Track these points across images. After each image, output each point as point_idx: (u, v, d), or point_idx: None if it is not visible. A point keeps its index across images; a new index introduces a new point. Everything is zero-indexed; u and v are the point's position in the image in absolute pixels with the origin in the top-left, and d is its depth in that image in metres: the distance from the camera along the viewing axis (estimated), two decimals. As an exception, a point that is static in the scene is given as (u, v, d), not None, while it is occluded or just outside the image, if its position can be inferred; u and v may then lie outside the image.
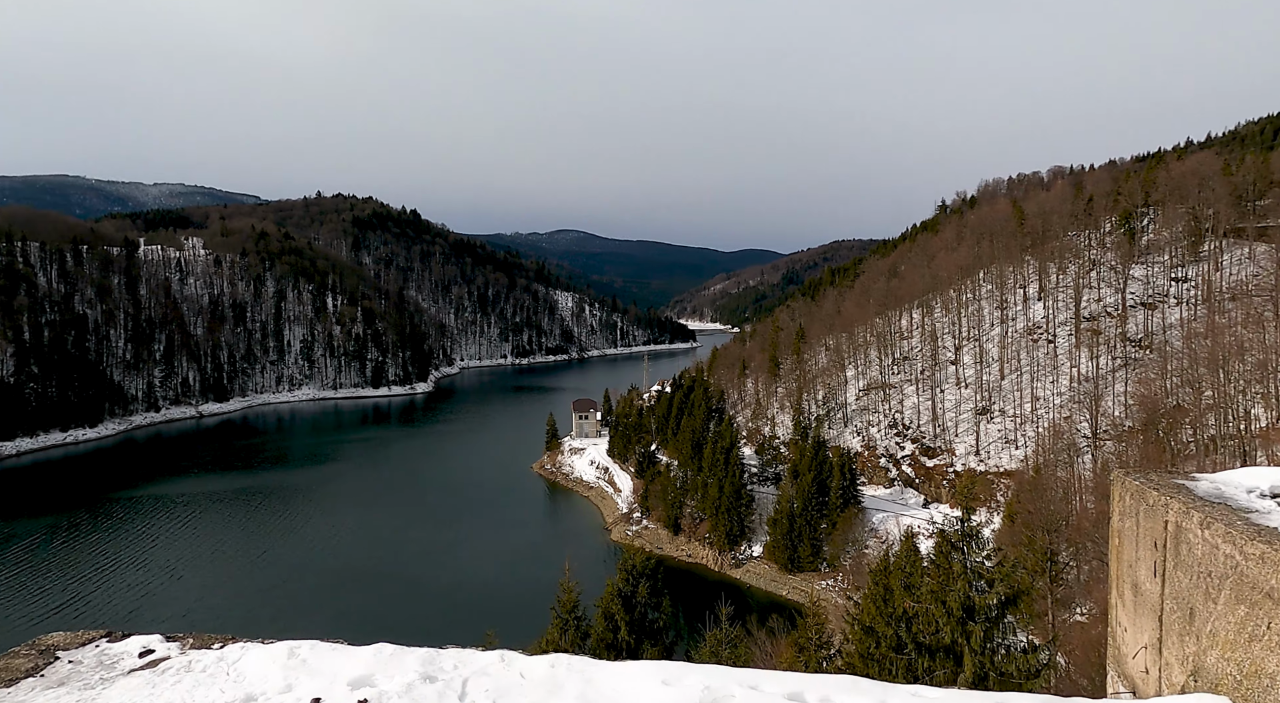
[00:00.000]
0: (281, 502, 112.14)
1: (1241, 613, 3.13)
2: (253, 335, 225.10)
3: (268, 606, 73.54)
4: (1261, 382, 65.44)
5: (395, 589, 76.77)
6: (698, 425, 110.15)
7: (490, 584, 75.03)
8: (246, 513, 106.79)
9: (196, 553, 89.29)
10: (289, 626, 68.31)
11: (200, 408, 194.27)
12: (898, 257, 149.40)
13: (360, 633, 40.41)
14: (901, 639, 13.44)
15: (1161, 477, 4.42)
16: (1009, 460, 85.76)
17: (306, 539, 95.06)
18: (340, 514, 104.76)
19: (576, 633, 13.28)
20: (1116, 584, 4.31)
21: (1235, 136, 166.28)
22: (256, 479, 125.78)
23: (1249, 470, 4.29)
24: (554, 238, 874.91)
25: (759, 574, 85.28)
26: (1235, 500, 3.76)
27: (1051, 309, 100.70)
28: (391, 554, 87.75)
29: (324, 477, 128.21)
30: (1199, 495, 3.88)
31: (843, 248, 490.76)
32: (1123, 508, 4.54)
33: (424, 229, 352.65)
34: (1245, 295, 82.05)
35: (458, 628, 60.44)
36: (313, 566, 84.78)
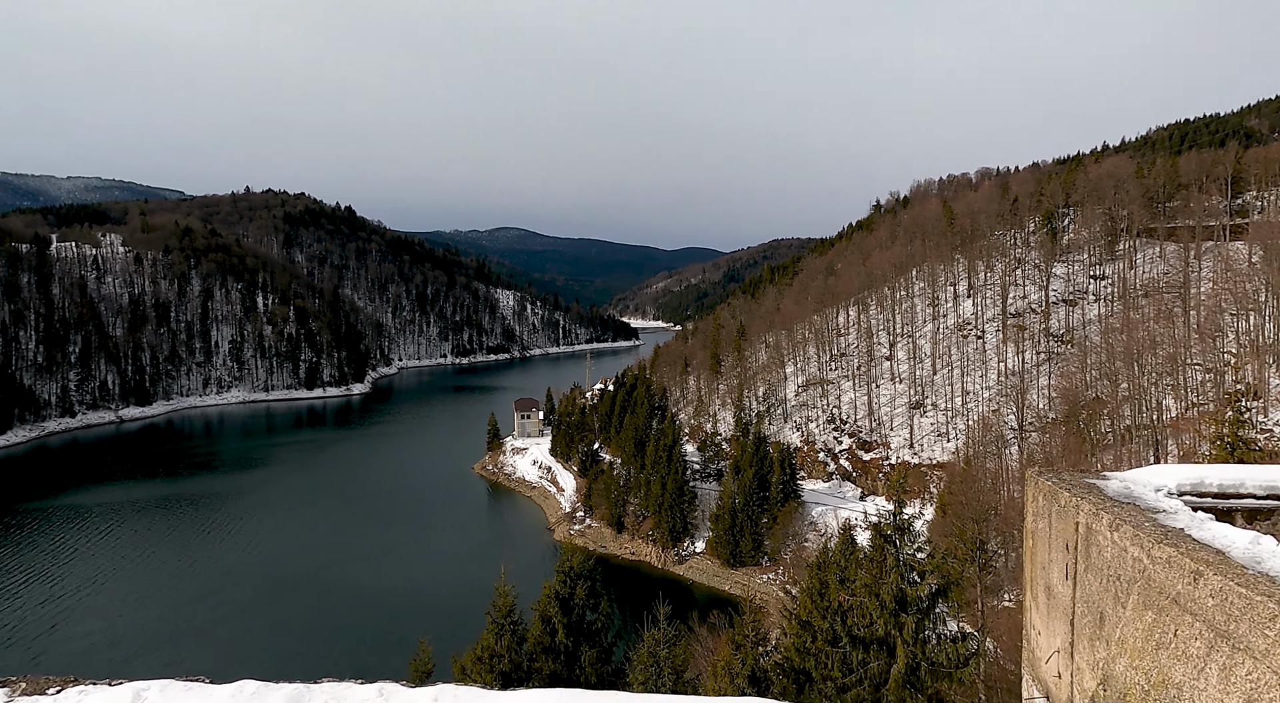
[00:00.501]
0: (210, 509, 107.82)
1: (1149, 619, 3.06)
2: (177, 336, 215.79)
3: (197, 616, 70.62)
4: (1172, 374, 69.15)
5: (329, 597, 74.65)
6: (640, 423, 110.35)
7: (428, 589, 73.68)
8: (172, 522, 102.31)
9: (118, 565, 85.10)
10: (218, 639, 65.80)
11: (121, 412, 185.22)
12: (834, 255, 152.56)
13: (292, 643, 39.55)
14: (837, 633, 13.65)
15: (1073, 476, 4.39)
16: (941, 453, 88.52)
17: (237, 547, 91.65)
18: (273, 521, 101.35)
19: (513, 638, 13.02)
20: (1031, 586, 4.26)
21: (1147, 141, 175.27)
22: (182, 486, 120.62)
23: (1157, 468, 4.29)
24: (494, 235, 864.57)
25: (702, 570, 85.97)
26: (1144, 500, 3.72)
27: (980, 306, 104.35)
28: (326, 561, 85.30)
29: (255, 482, 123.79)
30: (1109, 496, 3.83)
31: (782, 246, 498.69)
32: (1036, 509, 4.46)
33: (359, 226, 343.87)
34: (1156, 292, 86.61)
35: (393, 635, 59.31)
36: (244, 575, 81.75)
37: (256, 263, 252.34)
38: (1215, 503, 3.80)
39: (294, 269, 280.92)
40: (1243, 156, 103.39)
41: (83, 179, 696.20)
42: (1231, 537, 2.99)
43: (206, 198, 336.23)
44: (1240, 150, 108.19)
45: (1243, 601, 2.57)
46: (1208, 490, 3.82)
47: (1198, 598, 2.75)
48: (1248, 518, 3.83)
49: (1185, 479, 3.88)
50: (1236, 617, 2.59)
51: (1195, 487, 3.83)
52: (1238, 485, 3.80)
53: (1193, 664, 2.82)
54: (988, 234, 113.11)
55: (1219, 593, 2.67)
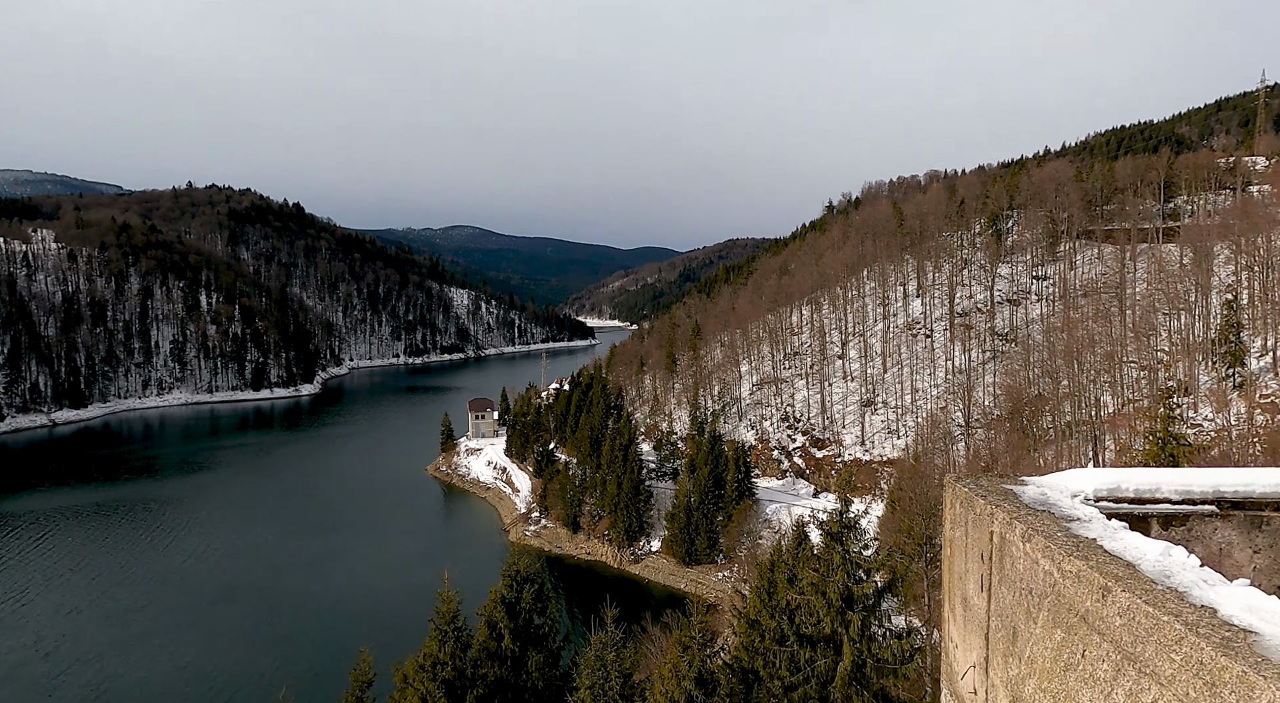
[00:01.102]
0: (149, 515, 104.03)
1: (1058, 638, 2.93)
2: (114, 336, 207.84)
3: (134, 627, 68.08)
4: (1109, 371, 71.70)
5: (273, 605, 72.68)
6: (596, 423, 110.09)
7: (377, 595, 72.22)
8: (108, 529, 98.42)
9: (50, 575, 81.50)
10: (155, 650, 63.52)
11: (53, 415, 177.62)
12: (788, 255, 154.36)
13: (233, 654, 38.29)
14: (785, 632, 13.69)
15: (991, 482, 4.27)
16: (891, 450, 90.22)
17: (178, 555, 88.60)
18: (215, 527, 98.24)
19: (457, 644, 12.72)
20: (948, 597, 4.19)
21: (1086, 147, 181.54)
22: (119, 492, 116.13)
23: (1075, 473, 4.19)
24: (449, 234, 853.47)
25: (657, 569, 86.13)
26: (1059, 508, 3.62)
27: (929, 305, 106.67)
28: (271, 567, 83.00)
29: (197, 487, 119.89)
30: (1025, 503, 3.72)
31: (737, 246, 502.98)
32: (953, 517, 4.36)
33: (308, 223, 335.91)
34: (1095, 293, 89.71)
35: (338, 644, 57.98)
36: (185, 583, 79.03)
37: (199, 260, 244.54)
38: (1131, 508, 3.78)
39: (239, 267, 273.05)
40: (1174, 162, 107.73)
41: (12, 172, 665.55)
42: (1143, 548, 2.93)
43: (146, 193, 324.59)
44: (1172, 156, 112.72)
45: (1149, 620, 2.47)
46: (1124, 495, 3.79)
47: (1106, 616, 2.65)
48: (1163, 523, 3.84)
49: (1102, 484, 3.84)
50: (1143, 638, 2.48)
51: (1112, 492, 3.81)
52: (1154, 490, 3.78)
53: (1100, 689, 2.69)
54: (936, 235, 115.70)
55: (1126, 611, 2.56)
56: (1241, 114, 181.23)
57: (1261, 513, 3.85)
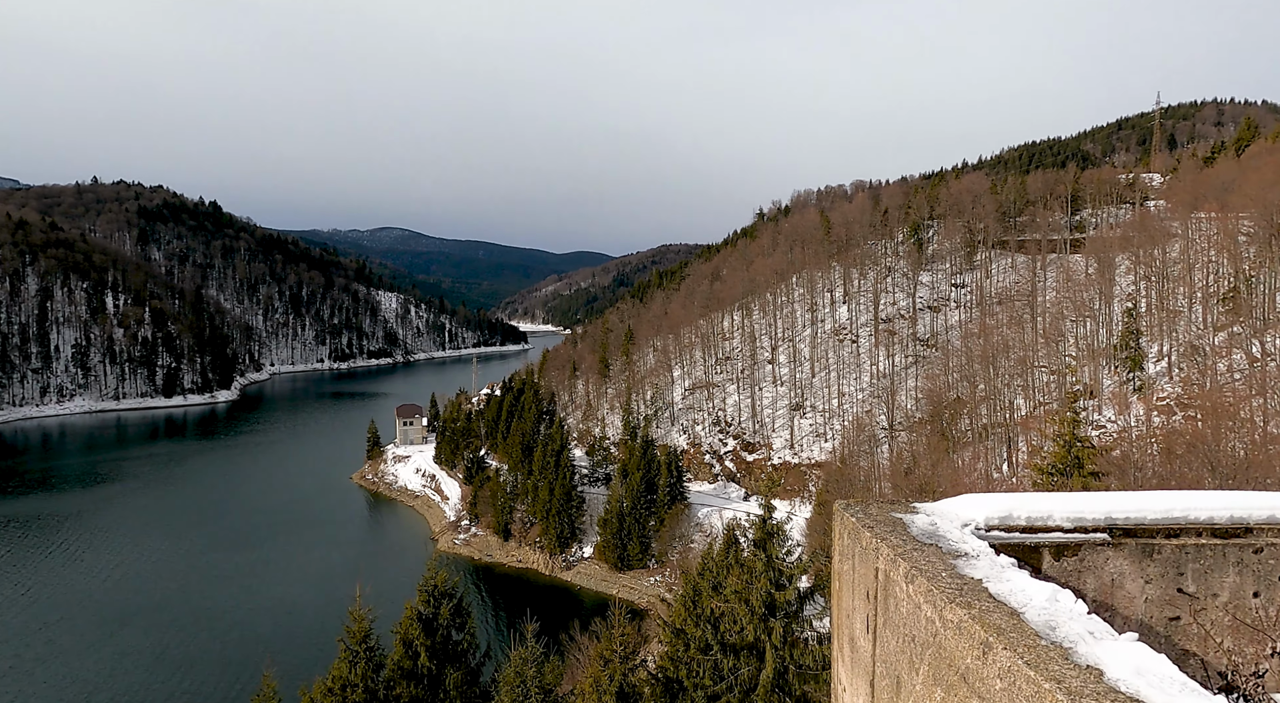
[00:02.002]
0: (47, 531, 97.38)
1: (939, 697, 2.73)
2: (9, 340, 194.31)
3: (28, 652, 63.50)
4: (1022, 376, 75.11)
5: (182, 626, 68.89)
6: (528, 429, 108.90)
7: (297, 610, 69.39)
8: (2, 546, 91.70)
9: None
10: (51, 678, 59.47)
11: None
12: (720, 261, 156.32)
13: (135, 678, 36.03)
14: (709, 641, 13.66)
15: (881, 510, 4.08)
16: (819, 453, 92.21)
17: (79, 572, 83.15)
18: (122, 542, 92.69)
19: (368, 665, 12.18)
20: (837, 635, 3.97)
21: (1001, 161, 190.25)
22: (12, 506, 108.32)
23: (968, 500, 3.96)
24: (376, 235, 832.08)
25: (590, 575, 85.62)
26: (947, 541, 3.48)
27: (854, 311, 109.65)
28: (180, 585, 78.72)
29: (101, 499, 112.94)
30: (913, 535, 3.56)
31: (671, 251, 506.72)
32: (841, 548, 4.09)
33: (226, 223, 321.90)
34: (1009, 300, 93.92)
35: (248, 667, 55.48)
36: (85, 604, 74.11)
37: (105, 260, 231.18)
38: (1023, 538, 3.69)
39: (150, 268, 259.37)
40: (1080, 177, 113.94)
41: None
42: (1030, 592, 2.81)
43: (46, 188, 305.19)
44: (1078, 172, 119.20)
45: (1030, 687, 2.26)
46: (1015, 524, 3.70)
47: (986, 678, 2.45)
48: (1055, 553, 3.71)
49: (994, 512, 3.73)
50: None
51: (1004, 520, 3.71)
52: (1045, 518, 3.68)
53: (984, 767, 2.48)
54: (861, 243, 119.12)
55: (1007, 673, 2.36)
56: (1139, 133, 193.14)
57: (1153, 541, 3.77)
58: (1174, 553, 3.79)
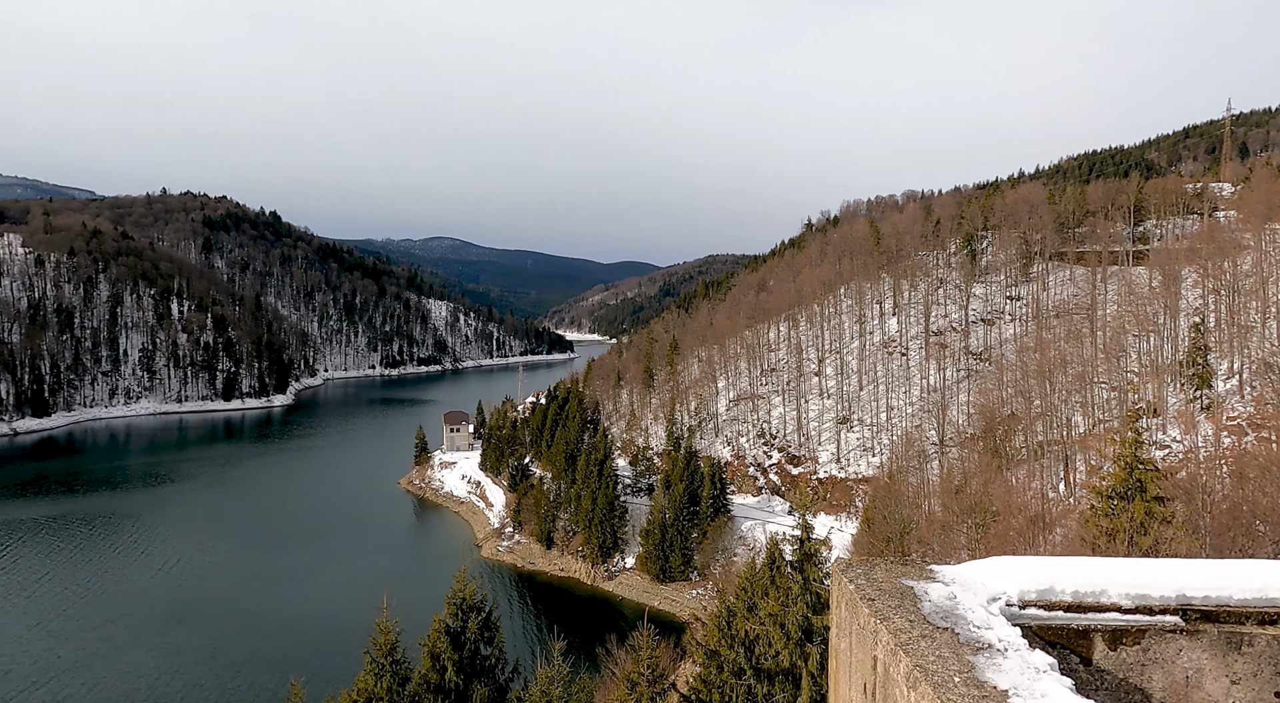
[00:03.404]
0: (109, 529, 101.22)
1: None
2: (81, 343, 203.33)
3: (89, 647, 65.88)
4: (1080, 391, 72.38)
5: (235, 623, 70.71)
6: (572, 437, 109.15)
7: (340, 614, 70.39)
8: (69, 542, 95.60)
9: (9, 589, 78.85)
10: (109, 672, 61.51)
11: (15, 424, 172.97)
12: (766, 271, 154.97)
13: (187, 677, 36.88)
14: (742, 664, 13.21)
15: (890, 574, 3.33)
16: (867, 468, 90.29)
17: (138, 570, 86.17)
18: (178, 542, 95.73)
19: (394, 678, 12.09)
20: None
21: (1059, 170, 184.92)
22: (80, 504, 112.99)
23: (1000, 565, 3.27)
24: (428, 245, 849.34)
25: (631, 586, 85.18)
26: (968, 623, 2.82)
27: (904, 324, 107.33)
28: (234, 586, 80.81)
29: (161, 499, 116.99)
30: (924, 614, 2.89)
31: (717, 262, 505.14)
32: (839, 620, 3.42)
33: (285, 232, 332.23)
34: (1067, 314, 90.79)
35: (295, 668, 56.38)
36: (144, 601, 76.67)
37: (172, 267, 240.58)
38: (1069, 620, 2.95)
39: (212, 275, 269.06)
40: (1144, 187, 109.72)
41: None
42: None
43: (119, 199, 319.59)
44: (1141, 181, 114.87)
45: None
46: (1059, 600, 2.98)
47: None
48: (1111, 640, 2.97)
49: (1032, 584, 3.03)
50: None
51: (1044, 594, 2.99)
52: (1098, 593, 2.94)
53: None
54: (912, 254, 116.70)
55: None
56: (1209, 141, 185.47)
57: (1242, 628, 2.93)
58: (1271, 646, 2.93)
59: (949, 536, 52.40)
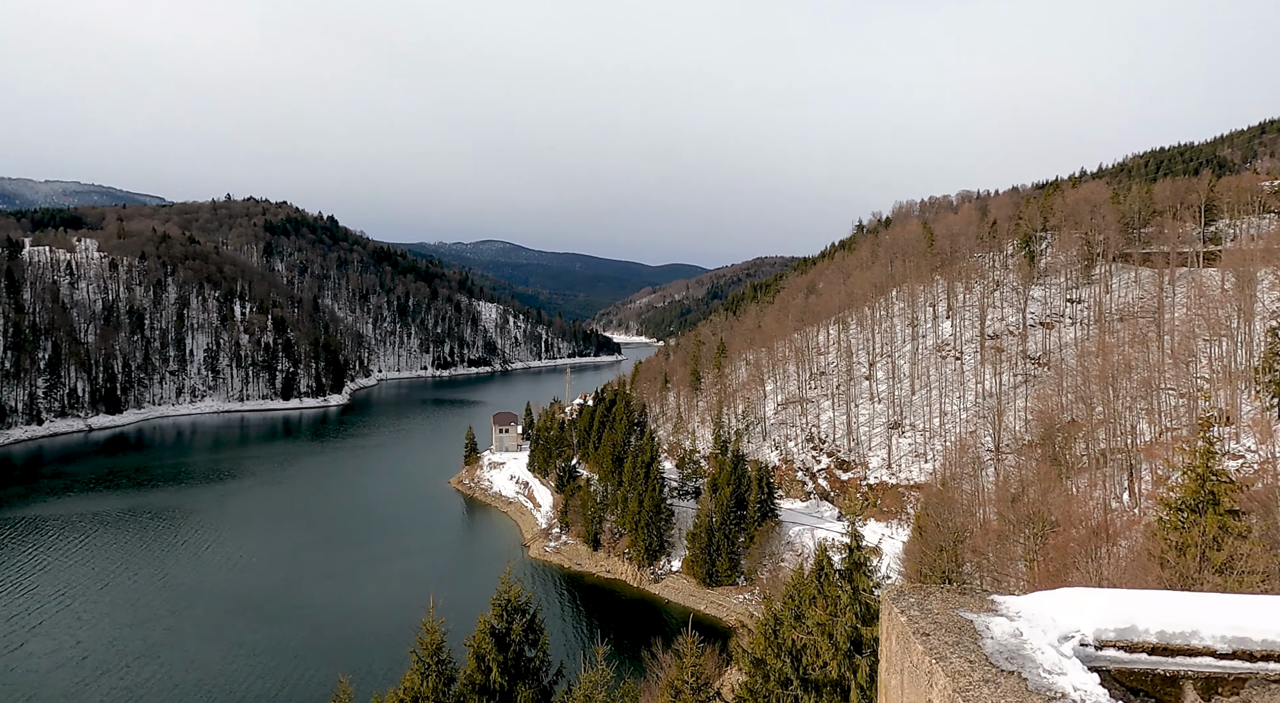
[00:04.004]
0: (176, 523, 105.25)
1: None
2: (151, 344, 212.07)
3: (154, 636, 68.62)
4: (1146, 398, 69.54)
5: (291, 618, 72.76)
6: (619, 439, 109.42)
7: (392, 610, 71.81)
8: (140, 535, 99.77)
9: (89, 579, 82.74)
10: (174, 660, 63.89)
11: (90, 421, 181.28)
12: (816, 274, 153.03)
13: (245, 667, 38.04)
14: (788, 674, 12.97)
15: (946, 603, 2.97)
16: (919, 474, 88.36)
17: (203, 563, 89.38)
18: (239, 536, 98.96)
19: (439, 678, 12.21)
20: None
21: (1123, 168, 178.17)
22: (148, 499, 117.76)
23: (1072, 597, 2.89)
24: (479, 248, 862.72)
25: (678, 589, 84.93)
26: (1035, 665, 2.48)
27: (959, 327, 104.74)
28: (291, 580, 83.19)
29: (223, 495, 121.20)
30: (986, 653, 2.57)
31: (766, 264, 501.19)
32: (888, 654, 3.09)
33: (341, 236, 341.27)
34: (1132, 317, 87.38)
35: (346, 661, 57.78)
36: (208, 593, 79.52)
37: (235, 271, 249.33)
38: (1155, 664, 2.59)
39: (273, 278, 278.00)
40: (1215, 185, 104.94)
41: (61, 183, 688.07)
42: None
43: (186, 205, 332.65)
44: (1213, 179, 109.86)
45: None
46: (1142, 642, 2.60)
47: None
48: (1204, 690, 2.65)
49: (1110, 621, 2.63)
50: None
51: (1124, 633, 2.60)
52: (1188, 634, 2.55)
53: None
54: (967, 256, 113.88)
55: None
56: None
57: None
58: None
59: (1005, 545, 50.85)
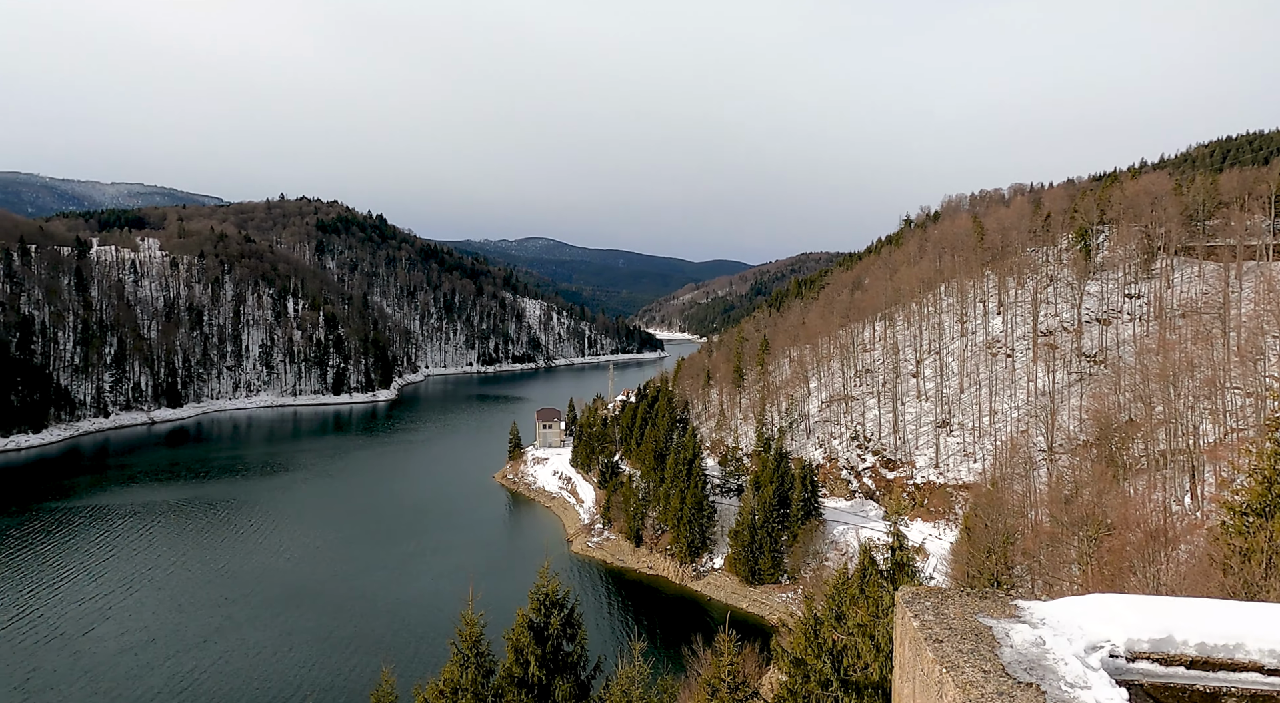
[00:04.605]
0: (232, 514, 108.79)
1: None
2: (209, 340, 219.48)
3: (213, 622, 71.07)
4: (1210, 397, 66.72)
5: (341, 608, 74.61)
6: (661, 436, 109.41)
7: (438, 602, 73.12)
8: (201, 525, 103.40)
9: (152, 565, 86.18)
10: (230, 647, 66.06)
11: (152, 414, 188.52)
12: (861, 269, 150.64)
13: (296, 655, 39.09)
14: (829, 676, 12.75)
15: (965, 607, 2.77)
16: (967, 473, 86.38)
17: (257, 553, 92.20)
18: (291, 527, 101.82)
19: (478, 670, 12.33)
20: None
21: (1186, 159, 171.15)
22: (207, 490, 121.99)
23: (1102, 603, 2.65)
24: (523, 245, 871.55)
25: (720, 586, 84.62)
26: (1057, 678, 2.26)
27: (1010, 323, 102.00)
28: (339, 571, 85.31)
29: (276, 487, 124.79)
30: (1003, 663, 2.37)
31: (810, 260, 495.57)
32: (902, 661, 2.90)
33: (390, 234, 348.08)
34: (1195, 313, 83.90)
35: (390, 652, 59.01)
36: (263, 582, 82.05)
37: (288, 269, 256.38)
38: (1193, 680, 2.36)
39: (324, 276, 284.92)
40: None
41: (126, 185, 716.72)
42: None
43: (242, 204, 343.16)
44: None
45: None
46: (1180, 654, 2.38)
47: None
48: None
49: (1143, 631, 2.39)
50: None
51: (1159, 644, 2.39)
52: (1232, 647, 2.33)
53: None
54: (1019, 251, 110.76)
55: None
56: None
57: None
58: None
59: (1057, 548, 49.38)
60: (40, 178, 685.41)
